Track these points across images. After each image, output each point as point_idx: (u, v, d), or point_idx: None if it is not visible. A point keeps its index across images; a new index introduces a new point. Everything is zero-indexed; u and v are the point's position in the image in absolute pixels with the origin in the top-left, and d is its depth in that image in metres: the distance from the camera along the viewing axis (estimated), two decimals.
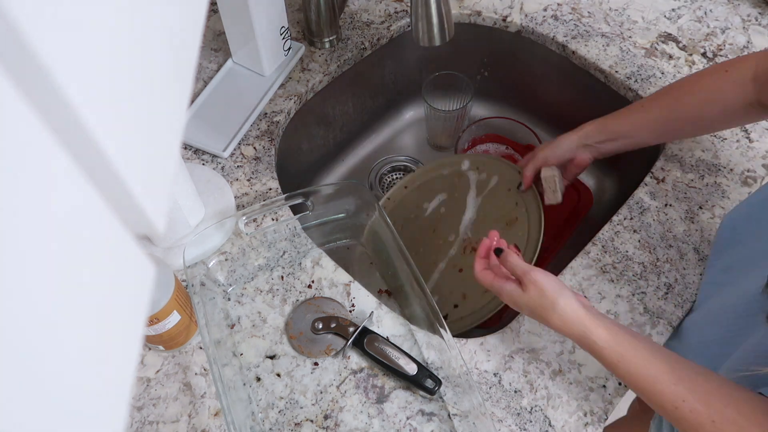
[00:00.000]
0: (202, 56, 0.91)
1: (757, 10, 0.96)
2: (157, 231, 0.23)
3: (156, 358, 0.66)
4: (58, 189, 0.17)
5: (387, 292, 0.77)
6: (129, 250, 0.22)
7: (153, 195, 0.22)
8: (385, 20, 0.96)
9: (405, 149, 1.12)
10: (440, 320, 0.62)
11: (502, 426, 0.62)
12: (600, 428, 0.63)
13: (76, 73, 0.16)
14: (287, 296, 0.70)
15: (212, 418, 0.63)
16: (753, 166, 0.80)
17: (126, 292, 0.22)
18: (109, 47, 0.19)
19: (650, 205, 0.77)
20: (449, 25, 0.67)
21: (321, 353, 0.66)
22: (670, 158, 0.81)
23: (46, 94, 0.16)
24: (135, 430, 0.62)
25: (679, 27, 0.94)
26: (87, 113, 0.17)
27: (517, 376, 0.65)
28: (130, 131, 0.20)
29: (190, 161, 0.81)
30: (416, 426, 0.62)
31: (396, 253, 0.70)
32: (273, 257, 0.73)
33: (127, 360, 0.22)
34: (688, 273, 0.71)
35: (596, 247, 0.74)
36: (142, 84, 0.22)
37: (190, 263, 0.67)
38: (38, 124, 0.15)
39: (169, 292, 0.59)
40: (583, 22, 0.95)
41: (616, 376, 0.54)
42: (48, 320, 0.17)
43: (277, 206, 0.73)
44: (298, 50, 0.90)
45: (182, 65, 0.26)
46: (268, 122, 0.84)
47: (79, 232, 0.18)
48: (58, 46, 0.15)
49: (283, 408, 0.63)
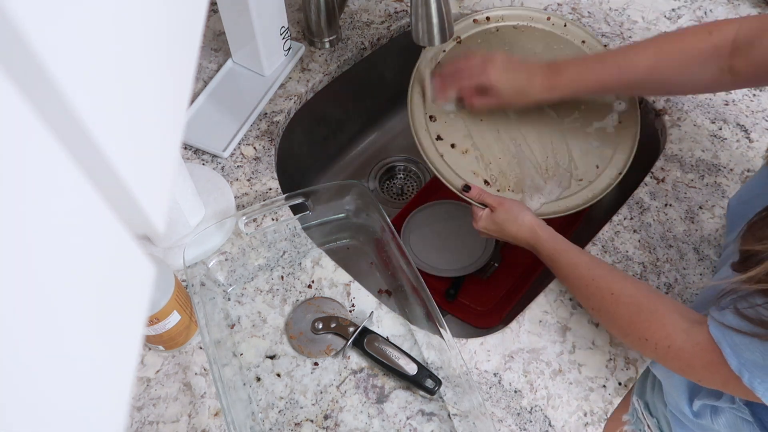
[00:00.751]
0: (202, 56, 0.91)
1: (757, 10, 0.96)
2: (157, 231, 0.23)
3: (156, 358, 0.66)
4: (58, 189, 0.17)
5: (387, 292, 0.77)
6: (129, 250, 0.22)
7: (153, 195, 0.22)
8: (385, 20, 0.96)
9: (405, 149, 1.12)
10: (440, 320, 0.62)
11: (502, 426, 0.62)
12: (600, 428, 0.63)
13: (76, 73, 0.16)
14: (287, 296, 0.70)
15: (212, 418, 0.63)
16: (753, 166, 0.80)
17: (126, 292, 0.22)
18: (108, 47, 0.19)
19: (650, 205, 0.77)
20: (449, 25, 0.67)
21: (321, 353, 0.66)
22: (670, 158, 0.81)
23: (47, 95, 0.16)
24: (135, 430, 0.62)
25: (679, 27, 0.94)
26: (87, 113, 0.17)
27: (517, 376, 0.65)
28: (130, 131, 0.20)
29: (190, 161, 0.81)
30: (416, 426, 0.62)
31: (396, 253, 0.70)
32: (273, 257, 0.73)
33: (127, 360, 0.22)
34: (688, 273, 0.71)
35: (596, 247, 0.74)
36: (142, 84, 0.22)
37: (190, 263, 0.67)
38: (38, 124, 0.15)
39: (169, 292, 0.59)
40: (583, 22, 0.95)
41: (551, 267, 0.66)
42: (48, 320, 0.17)
43: (277, 206, 0.73)
44: (298, 50, 0.90)
45: (182, 65, 0.26)
46: (268, 122, 0.84)
47: (79, 232, 0.18)
48: (58, 47, 0.15)
49: (283, 408, 0.63)
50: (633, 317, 0.57)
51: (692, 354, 0.52)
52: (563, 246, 0.66)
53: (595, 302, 0.61)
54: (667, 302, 0.57)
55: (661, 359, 0.56)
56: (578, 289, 0.63)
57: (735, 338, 0.48)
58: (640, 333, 0.56)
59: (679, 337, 0.53)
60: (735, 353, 0.48)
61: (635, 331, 0.57)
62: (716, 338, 0.50)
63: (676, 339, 0.53)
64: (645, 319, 0.56)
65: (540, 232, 0.67)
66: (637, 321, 0.57)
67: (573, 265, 0.64)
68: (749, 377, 0.47)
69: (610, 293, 0.59)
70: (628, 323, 0.58)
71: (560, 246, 0.66)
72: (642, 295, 0.58)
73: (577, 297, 0.65)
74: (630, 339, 0.58)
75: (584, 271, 0.62)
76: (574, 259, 0.64)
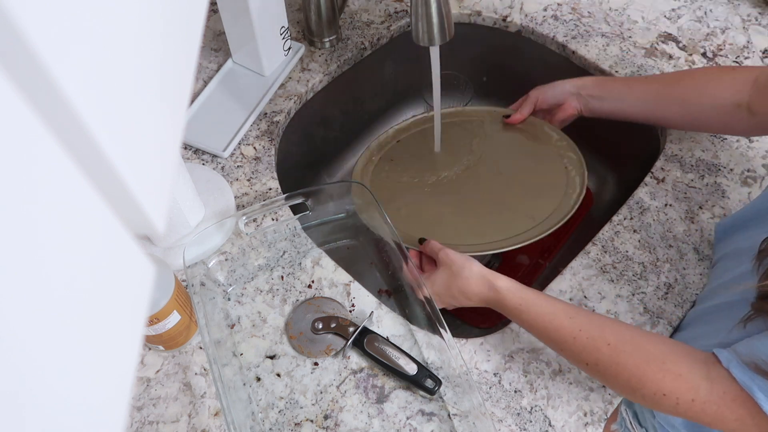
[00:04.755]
0: (202, 56, 0.91)
1: (757, 10, 0.96)
2: (157, 231, 0.23)
3: (156, 358, 0.66)
4: (57, 189, 0.17)
5: (387, 292, 0.77)
6: (129, 250, 0.21)
7: (153, 195, 0.22)
8: (385, 20, 0.96)
9: None
10: (440, 320, 0.62)
11: (502, 426, 0.62)
12: (600, 428, 0.63)
13: (76, 73, 0.16)
14: (287, 296, 0.70)
15: (212, 418, 0.63)
16: (753, 166, 0.80)
17: (126, 292, 0.22)
18: (109, 47, 0.19)
19: (650, 205, 0.77)
20: (449, 25, 0.67)
21: (321, 353, 0.66)
22: (670, 158, 0.81)
23: (46, 94, 0.16)
24: (135, 430, 0.62)
25: (679, 27, 0.94)
26: (87, 113, 0.17)
27: (517, 376, 0.65)
28: (130, 131, 0.20)
29: (190, 161, 0.81)
30: (416, 426, 0.62)
31: (396, 253, 0.70)
32: (273, 257, 0.73)
33: (127, 360, 0.22)
34: (688, 273, 0.71)
35: (596, 247, 0.74)
36: (142, 84, 0.22)
37: (190, 263, 0.67)
38: (38, 124, 0.15)
39: (169, 292, 0.59)
40: (583, 22, 0.95)
41: (519, 321, 0.58)
42: (47, 320, 0.17)
43: (277, 206, 0.73)
44: (298, 50, 0.90)
45: (182, 65, 0.26)
46: (268, 122, 0.84)
47: (79, 231, 0.18)
48: (58, 47, 0.15)
49: (283, 408, 0.63)
50: (642, 370, 0.49)
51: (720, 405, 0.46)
52: (531, 296, 0.57)
53: (588, 357, 0.53)
54: (673, 346, 0.50)
55: (684, 414, 0.48)
56: (563, 344, 0.55)
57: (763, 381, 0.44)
58: (654, 388, 0.49)
59: (702, 388, 0.47)
60: None
61: (648, 386, 0.49)
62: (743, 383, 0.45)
63: (700, 391, 0.47)
64: (657, 371, 0.49)
65: (497, 282, 0.59)
66: (647, 374, 0.49)
67: (549, 315, 0.55)
68: None
69: (606, 344, 0.51)
70: (638, 378, 0.50)
71: (528, 296, 0.57)
72: (644, 341, 0.51)
73: (563, 353, 0.56)
74: (642, 396, 0.50)
75: (565, 321, 0.54)
76: (547, 308, 0.55)
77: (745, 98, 0.63)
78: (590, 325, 0.53)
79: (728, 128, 0.72)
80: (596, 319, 0.54)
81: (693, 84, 0.68)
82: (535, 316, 0.56)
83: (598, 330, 0.52)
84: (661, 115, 0.74)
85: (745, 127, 0.66)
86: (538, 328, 0.56)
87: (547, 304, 0.56)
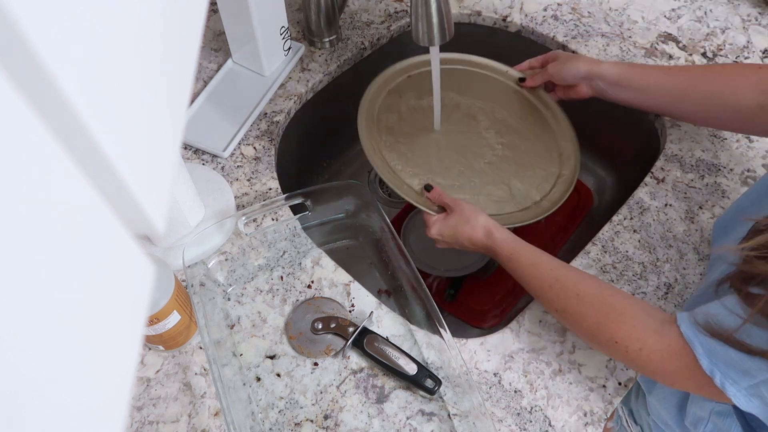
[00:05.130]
0: (202, 56, 0.91)
1: (757, 10, 0.96)
2: (157, 231, 0.23)
3: (156, 358, 0.66)
4: (57, 189, 0.17)
5: (387, 292, 0.77)
6: (129, 250, 0.21)
7: (153, 195, 0.22)
8: (385, 20, 0.96)
9: None
10: (440, 320, 0.62)
11: (502, 426, 0.62)
12: (600, 428, 0.63)
13: (76, 73, 0.16)
14: (287, 296, 0.70)
15: (212, 418, 0.63)
16: (753, 166, 0.80)
17: (126, 292, 0.22)
18: (109, 47, 0.19)
19: (650, 205, 0.77)
20: (449, 25, 0.66)
21: (321, 353, 0.66)
22: (670, 158, 0.81)
23: (46, 94, 0.16)
24: (135, 430, 0.62)
25: (679, 27, 0.94)
26: (87, 113, 0.17)
27: (517, 376, 0.65)
28: (130, 131, 0.20)
29: (190, 161, 0.81)
30: (416, 426, 0.62)
31: (396, 253, 0.70)
32: (273, 257, 0.73)
33: (127, 360, 0.22)
34: (688, 273, 0.71)
35: (596, 247, 0.74)
36: (142, 84, 0.22)
37: (190, 263, 0.67)
38: (38, 123, 0.15)
39: (169, 292, 0.59)
40: (583, 22, 0.95)
41: (509, 270, 0.64)
42: (47, 320, 0.17)
43: (277, 206, 0.73)
44: (298, 50, 0.90)
45: (182, 65, 0.26)
46: (268, 122, 0.84)
47: (78, 231, 0.18)
48: (58, 47, 0.15)
49: (283, 408, 0.63)
50: (601, 319, 0.55)
51: (664, 356, 0.50)
52: (521, 246, 0.63)
53: (559, 304, 0.59)
54: (635, 302, 0.55)
55: (632, 363, 0.53)
56: (540, 290, 0.60)
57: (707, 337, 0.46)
58: (609, 335, 0.54)
59: (650, 339, 0.51)
60: (707, 353, 0.46)
61: (604, 333, 0.54)
62: (687, 337, 0.48)
63: (648, 341, 0.51)
64: (614, 321, 0.54)
65: (495, 234, 0.65)
66: (605, 323, 0.54)
67: (533, 265, 0.61)
68: (721, 378, 0.46)
69: (576, 294, 0.57)
70: (596, 325, 0.55)
71: (518, 246, 0.63)
72: (609, 295, 0.56)
73: (540, 299, 0.62)
74: (598, 342, 0.56)
75: (546, 271, 0.60)
76: (533, 259, 0.61)
77: (761, 98, 0.62)
78: (566, 278, 0.59)
79: (748, 128, 0.72)
80: (574, 273, 0.59)
81: (718, 82, 0.67)
82: (522, 266, 0.62)
83: (572, 282, 0.58)
84: (681, 109, 0.74)
85: (764, 127, 0.66)
86: (522, 277, 0.62)
87: (534, 255, 0.62)
